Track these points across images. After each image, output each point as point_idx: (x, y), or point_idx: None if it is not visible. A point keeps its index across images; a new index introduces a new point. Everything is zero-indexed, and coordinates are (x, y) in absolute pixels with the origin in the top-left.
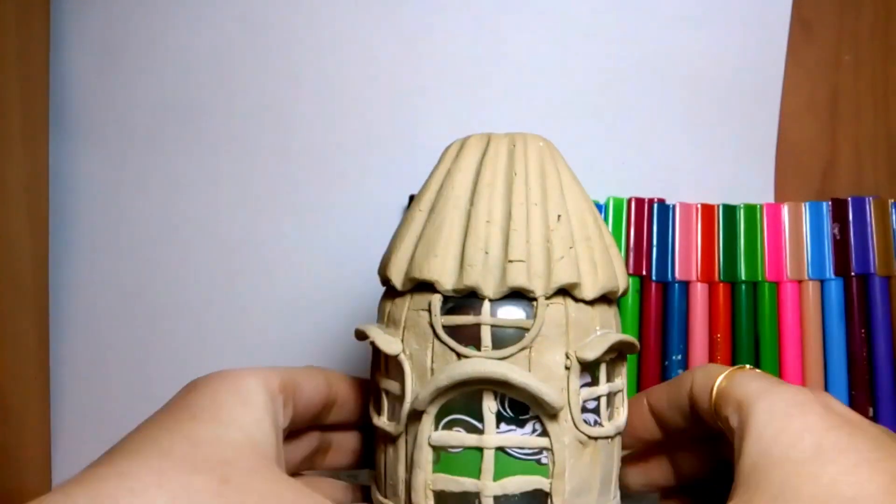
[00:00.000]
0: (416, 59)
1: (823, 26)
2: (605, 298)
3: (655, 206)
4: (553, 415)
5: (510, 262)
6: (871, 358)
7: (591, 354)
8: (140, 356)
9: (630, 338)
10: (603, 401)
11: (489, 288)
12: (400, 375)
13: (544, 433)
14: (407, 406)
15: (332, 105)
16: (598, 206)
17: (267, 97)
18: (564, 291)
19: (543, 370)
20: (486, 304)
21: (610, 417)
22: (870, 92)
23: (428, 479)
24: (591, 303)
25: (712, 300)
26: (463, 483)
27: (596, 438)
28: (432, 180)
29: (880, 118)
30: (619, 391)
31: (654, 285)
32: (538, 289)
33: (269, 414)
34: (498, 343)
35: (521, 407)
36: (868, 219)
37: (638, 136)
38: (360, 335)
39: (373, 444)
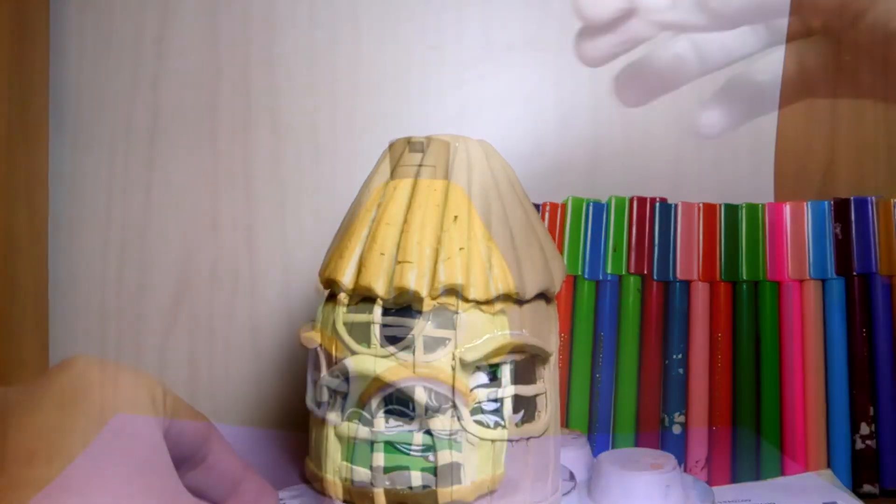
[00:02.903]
0: (414, 59)
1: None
2: (509, 298)
3: (657, 205)
4: (433, 415)
5: (399, 263)
6: (872, 358)
7: (471, 356)
8: (140, 356)
9: (535, 343)
10: (507, 402)
11: (381, 288)
12: (318, 366)
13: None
14: (323, 393)
15: (331, 106)
16: (601, 206)
17: (266, 98)
18: (455, 292)
19: (429, 369)
20: (378, 304)
21: (528, 420)
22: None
23: (336, 466)
24: (490, 303)
25: (713, 299)
26: (360, 473)
27: (493, 441)
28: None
29: (880, 118)
30: (539, 394)
31: (655, 284)
32: (423, 289)
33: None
34: (388, 341)
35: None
36: (870, 218)
37: (639, 136)
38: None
39: None
